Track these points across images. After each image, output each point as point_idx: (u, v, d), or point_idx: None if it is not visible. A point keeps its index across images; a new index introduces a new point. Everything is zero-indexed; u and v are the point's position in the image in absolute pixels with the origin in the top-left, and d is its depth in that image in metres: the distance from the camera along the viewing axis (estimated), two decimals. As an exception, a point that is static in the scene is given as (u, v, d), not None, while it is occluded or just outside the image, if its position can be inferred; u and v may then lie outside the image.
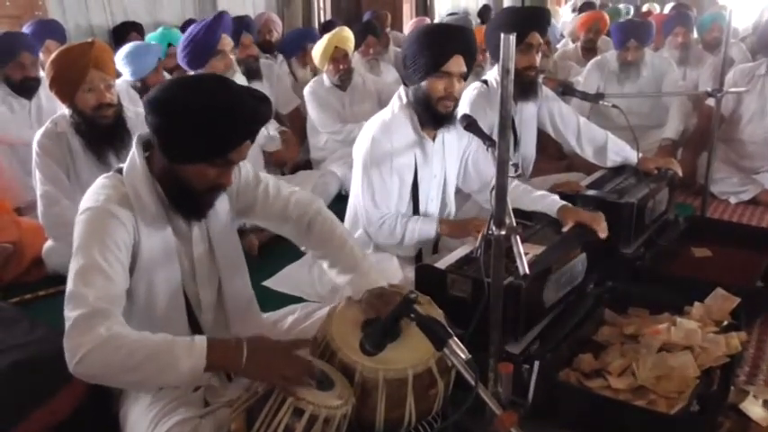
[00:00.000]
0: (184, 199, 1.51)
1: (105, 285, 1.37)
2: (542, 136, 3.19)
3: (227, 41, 3.19)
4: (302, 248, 1.92)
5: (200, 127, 1.39)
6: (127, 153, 2.53)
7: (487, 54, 3.76)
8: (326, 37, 3.75)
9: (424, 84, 2.17)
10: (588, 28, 5.35)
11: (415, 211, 2.37)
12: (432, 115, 2.21)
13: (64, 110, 2.63)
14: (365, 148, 2.26)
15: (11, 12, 4.57)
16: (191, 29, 3.21)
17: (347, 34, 3.80)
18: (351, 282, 1.69)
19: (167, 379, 1.35)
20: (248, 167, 1.73)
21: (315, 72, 4.76)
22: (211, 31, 3.11)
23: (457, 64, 2.14)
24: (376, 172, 2.25)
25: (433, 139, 2.32)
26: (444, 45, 2.13)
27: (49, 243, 2.73)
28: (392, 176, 2.26)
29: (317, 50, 3.79)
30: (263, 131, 3.33)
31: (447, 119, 2.22)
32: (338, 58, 3.75)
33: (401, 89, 2.31)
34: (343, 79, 3.81)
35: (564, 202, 2.32)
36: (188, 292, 1.63)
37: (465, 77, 2.21)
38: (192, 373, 1.32)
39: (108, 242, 1.40)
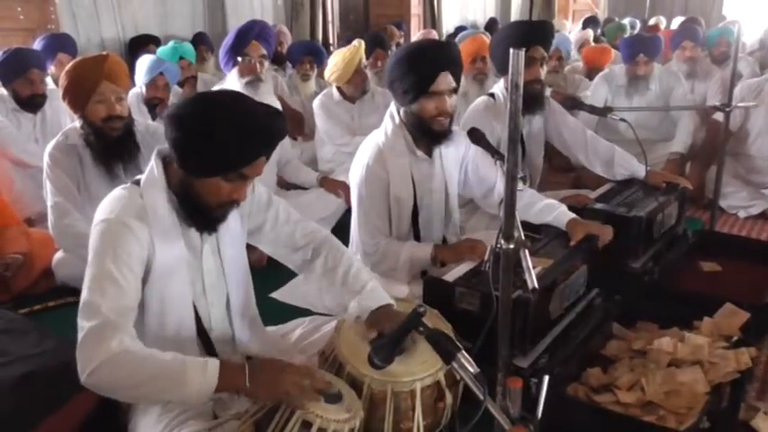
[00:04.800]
0: (198, 212, 1.53)
1: (118, 296, 1.39)
2: (550, 148, 3.20)
3: (255, 48, 3.24)
4: (302, 275, 1.90)
5: (215, 142, 1.41)
6: (135, 166, 2.62)
7: (489, 62, 3.76)
8: (349, 50, 3.68)
9: (414, 106, 2.15)
10: (591, 68, 5.37)
11: (416, 230, 2.35)
12: (427, 134, 2.19)
13: (75, 122, 2.66)
14: (360, 176, 2.25)
15: (25, 25, 4.64)
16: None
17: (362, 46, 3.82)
18: (358, 302, 1.68)
19: (175, 397, 1.36)
20: (262, 189, 1.75)
21: (320, 85, 4.81)
22: (241, 35, 3.20)
23: (445, 81, 2.11)
24: (371, 200, 2.24)
25: (430, 155, 2.31)
26: (429, 65, 2.11)
27: (58, 254, 2.75)
28: (390, 202, 2.25)
29: (339, 64, 3.71)
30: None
31: (444, 135, 2.20)
32: (361, 69, 3.77)
33: (392, 107, 2.28)
34: (365, 90, 3.83)
35: (573, 215, 2.31)
36: (199, 308, 1.63)
37: (455, 91, 2.18)
38: (201, 393, 1.34)
39: (122, 254, 1.42)
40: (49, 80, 3.80)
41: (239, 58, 3.20)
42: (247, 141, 1.43)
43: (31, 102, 3.50)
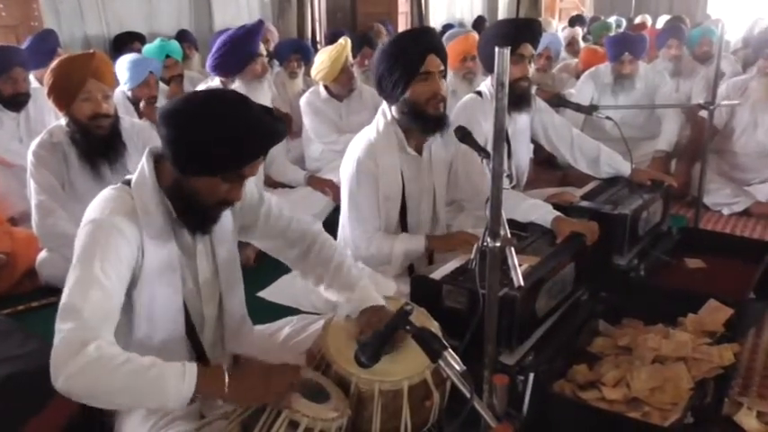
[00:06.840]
0: (192, 213, 1.50)
1: (101, 300, 1.34)
2: (537, 146, 3.21)
3: (261, 46, 3.27)
4: (295, 271, 1.91)
5: (219, 141, 1.39)
6: (121, 164, 2.60)
7: (478, 61, 3.77)
8: (335, 48, 3.65)
9: (407, 94, 2.14)
10: (587, 69, 5.30)
11: (404, 227, 2.35)
12: (425, 122, 2.17)
13: (60, 120, 2.63)
14: (351, 170, 2.25)
15: (7, 22, 4.59)
16: (227, 36, 3.26)
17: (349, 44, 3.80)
18: (349, 300, 1.69)
19: (153, 403, 1.32)
20: (252, 186, 1.72)
21: (307, 83, 4.79)
22: (253, 35, 3.18)
23: (433, 62, 2.12)
24: (362, 194, 2.24)
25: (420, 153, 2.31)
26: (415, 48, 2.12)
27: (42, 254, 2.72)
28: (379, 197, 2.25)
29: (326, 62, 3.68)
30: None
31: (441, 121, 2.18)
32: (347, 68, 3.76)
33: (384, 105, 2.28)
34: (352, 89, 3.82)
35: (558, 213, 2.32)
36: (190, 309, 1.61)
37: (444, 75, 2.18)
38: (179, 400, 1.28)
39: (109, 256, 1.38)
40: (32, 78, 3.76)
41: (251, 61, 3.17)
42: (251, 140, 1.42)
43: (14, 100, 3.45)
